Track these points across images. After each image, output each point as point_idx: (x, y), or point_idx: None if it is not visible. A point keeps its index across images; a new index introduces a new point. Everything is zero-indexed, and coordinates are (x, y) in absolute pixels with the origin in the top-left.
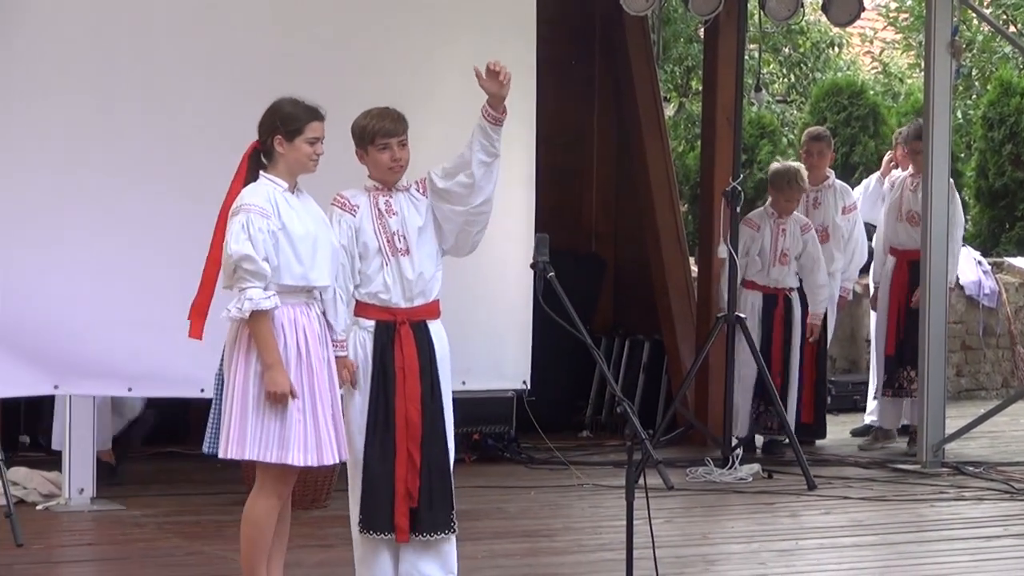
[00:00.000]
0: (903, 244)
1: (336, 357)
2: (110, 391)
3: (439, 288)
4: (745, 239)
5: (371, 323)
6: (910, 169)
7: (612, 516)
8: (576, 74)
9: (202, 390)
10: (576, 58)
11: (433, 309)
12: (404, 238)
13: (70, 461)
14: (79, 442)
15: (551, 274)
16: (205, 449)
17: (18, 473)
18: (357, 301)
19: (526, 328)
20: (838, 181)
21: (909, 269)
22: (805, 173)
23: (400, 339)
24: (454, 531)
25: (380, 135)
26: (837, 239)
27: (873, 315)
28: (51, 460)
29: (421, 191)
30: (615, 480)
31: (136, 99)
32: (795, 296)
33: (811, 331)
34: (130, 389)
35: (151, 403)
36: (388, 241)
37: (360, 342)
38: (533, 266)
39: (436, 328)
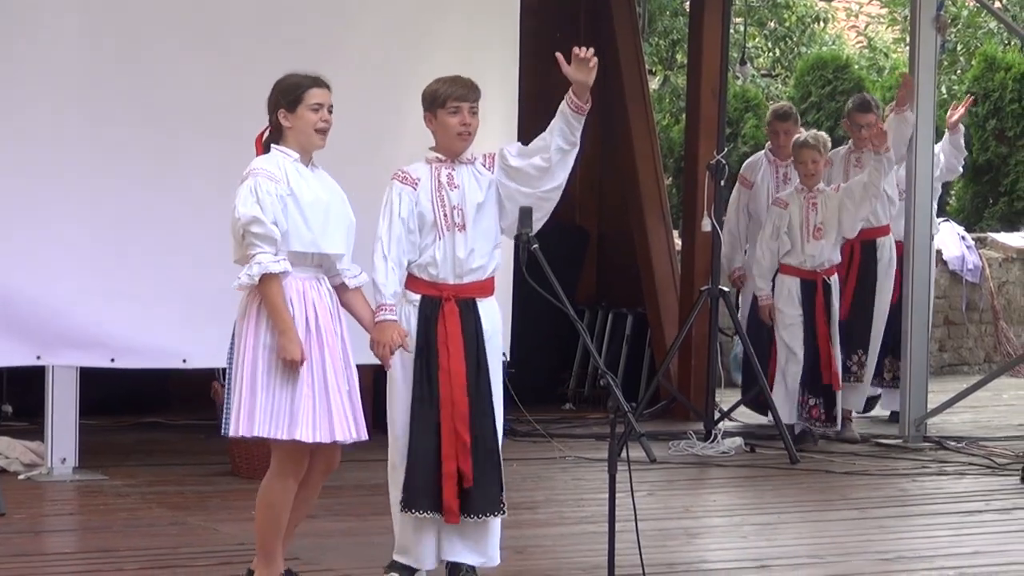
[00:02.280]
0: None
1: (385, 321)
2: (92, 362)
3: (495, 266)
4: (774, 219)
5: (417, 297)
6: (849, 144)
7: (594, 489)
8: (561, 46)
9: (184, 361)
10: (561, 30)
11: (486, 286)
12: (462, 212)
13: (52, 431)
14: (61, 412)
15: (535, 246)
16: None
17: (0, 442)
18: (408, 275)
19: (507, 301)
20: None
21: (861, 250)
22: (825, 139)
23: (444, 315)
24: (503, 512)
25: (452, 98)
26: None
27: None
28: (33, 429)
29: (487, 165)
30: (598, 453)
31: (121, 75)
32: (834, 280)
33: None
34: (112, 360)
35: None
36: (445, 215)
37: (404, 316)
38: (517, 238)
39: (486, 306)
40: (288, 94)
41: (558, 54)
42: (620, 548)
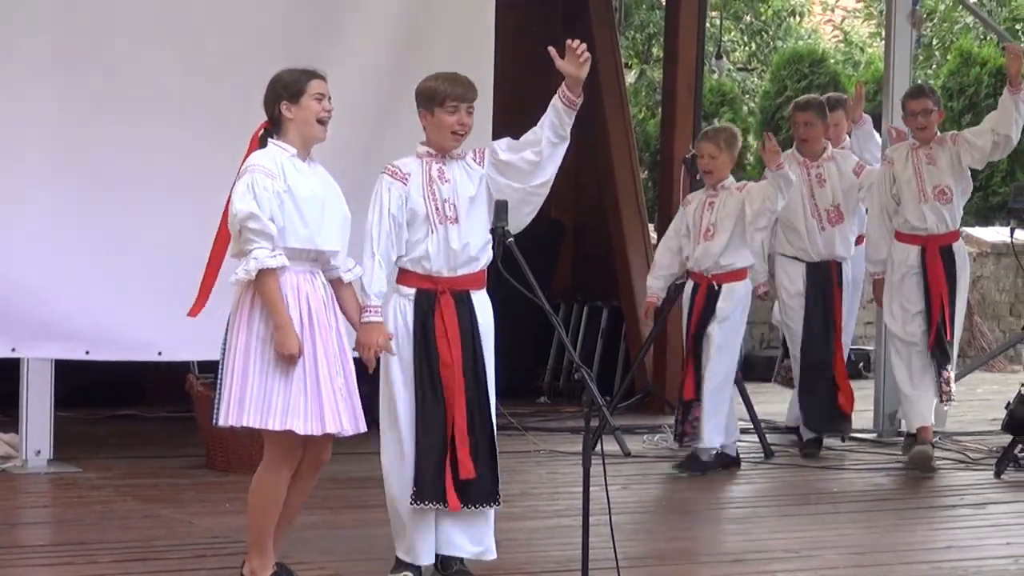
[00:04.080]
0: None
1: (370, 323)
2: (67, 354)
3: (488, 258)
4: (677, 217)
5: (412, 291)
6: (911, 140)
7: (569, 482)
8: (537, 40)
9: (159, 353)
10: (537, 24)
11: (479, 279)
12: (454, 206)
13: (26, 423)
14: (36, 404)
15: (510, 239)
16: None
17: None
18: (400, 269)
19: None
20: (837, 151)
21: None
22: (733, 133)
23: (440, 308)
24: (498, 503)
25: (451, 98)
26: (852, 215)
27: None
28: (8, 421)
29: (478, 160)
30: (572, 446)
31: (96, 60)
32: (737, 287)
33: None
34: (87, 352)
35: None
36: (437, 209)
37: (400, 309)
38: (492, 231)
39: (479, 298)
40: (291, 86)
41: (551, 48)
42: (594, 542)
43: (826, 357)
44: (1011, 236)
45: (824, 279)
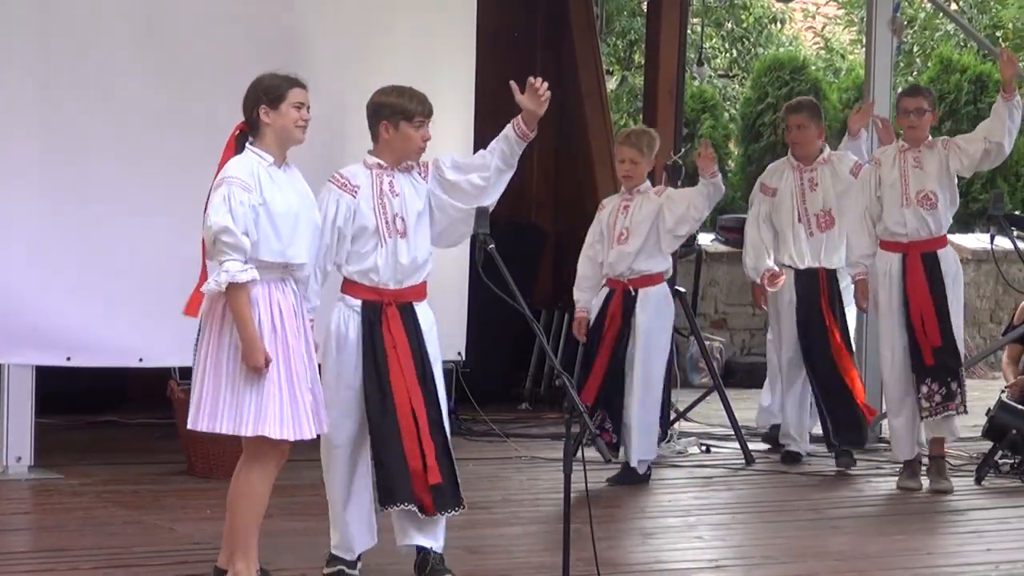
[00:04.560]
0: None
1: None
2: (49, 361)
3: (429, 270)
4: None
5: (358, 302)
6: (901, 142)
7: (550, 489)
8: (519, 46)
9: (140, 359)
10: (519, 30)
11: (420, 291)
12: (403, 220)
13: (7, 429)
14: (17, 411)
15: (491, 246)
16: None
17: None
18: (345, 279)
19: (462, 299)
20: (835, 152)
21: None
22: (651, 137)
23: (387, 319)
24: (464, 506)
25: (420, 114)
26: (843, 221)
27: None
28: None
29: (422, 175)
30: (553, 453)
31: (74, 72)
32: (655, 291)
33: None
34: (69, 359)
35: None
36: (387, 223)
37: (344, 319)
38: (473, 238)
39: (422, 308)
40: (271, 92)
41: (512, 83)
42: (575, 548)
43: (829, 368)
44: (991, 243)
45: (811, 288)
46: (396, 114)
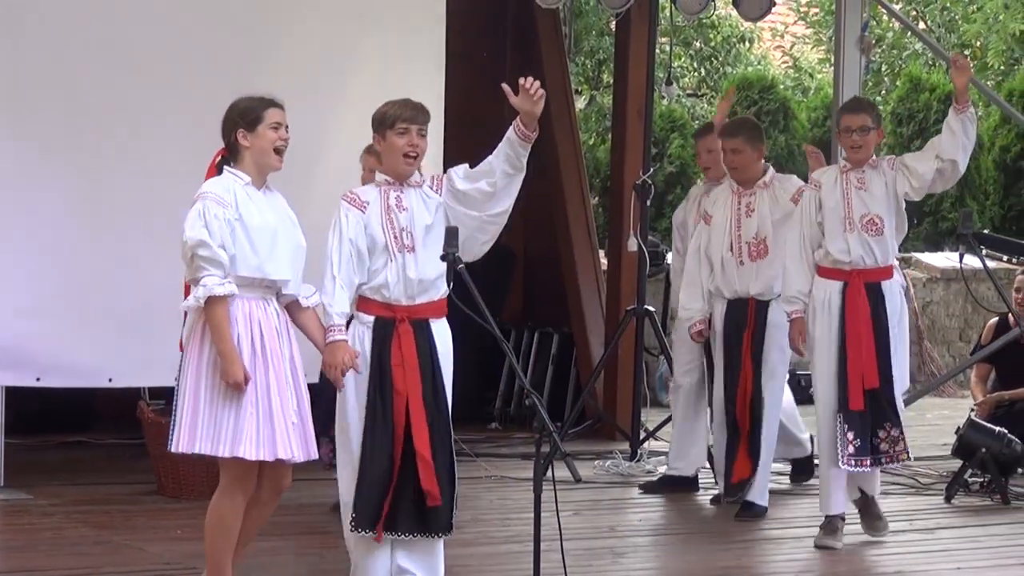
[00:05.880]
0: None
1: (335, 342)
2: (18, 381)
3: (443, 288)
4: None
5: (371, 319)
6: (843, 161)
7: (520, 508)
8: (487, 66)
9: (110, 380)
10: (487, 50)
11: (437, 307)
12: (411, 235)
13: None
14: None
15: (461, 266)
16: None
17: None
18: (360, 296)
19: None
20: (781, 176)
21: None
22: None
23: (399, 336)
24: (451, 531)
25: (400, 120)
26: (778, 249)
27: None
28: None
29: (435, 188)
30: (523, 472)
31: (47, 86)
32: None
33: None
34: (38, 379)
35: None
36: (395, 237)
37: (359, 336)
38: (443, 258)
39: (439, 327)
40: (247, 115)
41: (504, 85)
42: (545, 568)
43: (733, 409)
44: (960, 262)
45: (738, 319)
46: (382, 124)
